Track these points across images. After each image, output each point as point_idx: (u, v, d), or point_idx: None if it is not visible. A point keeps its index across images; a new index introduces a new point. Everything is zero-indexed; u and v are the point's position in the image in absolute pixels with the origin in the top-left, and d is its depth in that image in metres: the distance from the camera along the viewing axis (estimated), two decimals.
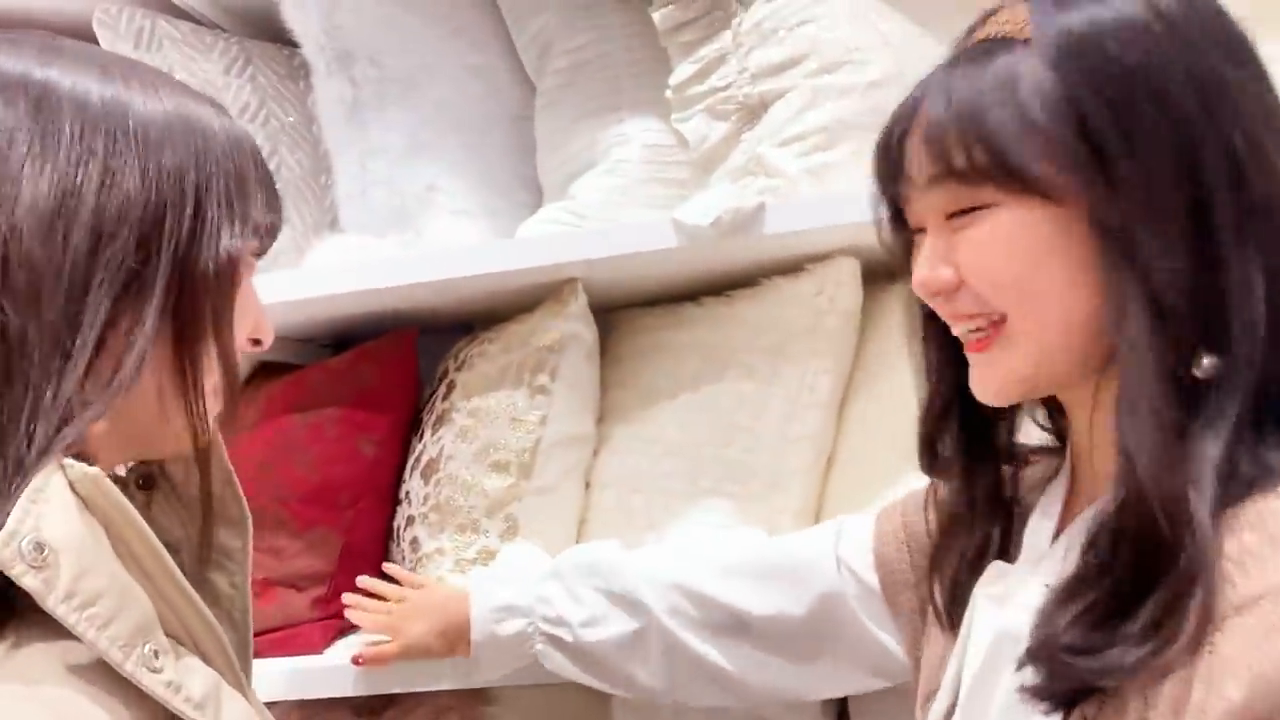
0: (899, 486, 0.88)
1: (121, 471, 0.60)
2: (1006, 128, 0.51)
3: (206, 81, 1.07)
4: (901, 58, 0.90)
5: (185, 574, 0.54)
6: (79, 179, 0.50)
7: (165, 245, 0.51)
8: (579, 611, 0.83)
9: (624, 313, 1.13)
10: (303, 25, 1.04)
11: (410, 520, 1.05)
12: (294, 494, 1.06)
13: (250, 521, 0.62)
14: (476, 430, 1.01)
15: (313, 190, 1.11)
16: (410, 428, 1.13)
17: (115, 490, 0.49)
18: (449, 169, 1.04)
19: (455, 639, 0.89)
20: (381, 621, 0.93)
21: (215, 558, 0.61)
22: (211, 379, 0.55)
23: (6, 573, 0.45)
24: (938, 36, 0.94)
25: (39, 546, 0.45)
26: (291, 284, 0.97)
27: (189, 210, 0.52)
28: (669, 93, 0.96)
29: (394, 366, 1.11)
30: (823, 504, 0.96)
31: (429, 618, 0.90)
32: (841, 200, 0.86)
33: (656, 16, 0.95)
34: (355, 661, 0.93)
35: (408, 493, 1.07)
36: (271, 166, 1.08)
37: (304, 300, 0.98)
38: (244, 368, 1.16)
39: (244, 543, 0.62)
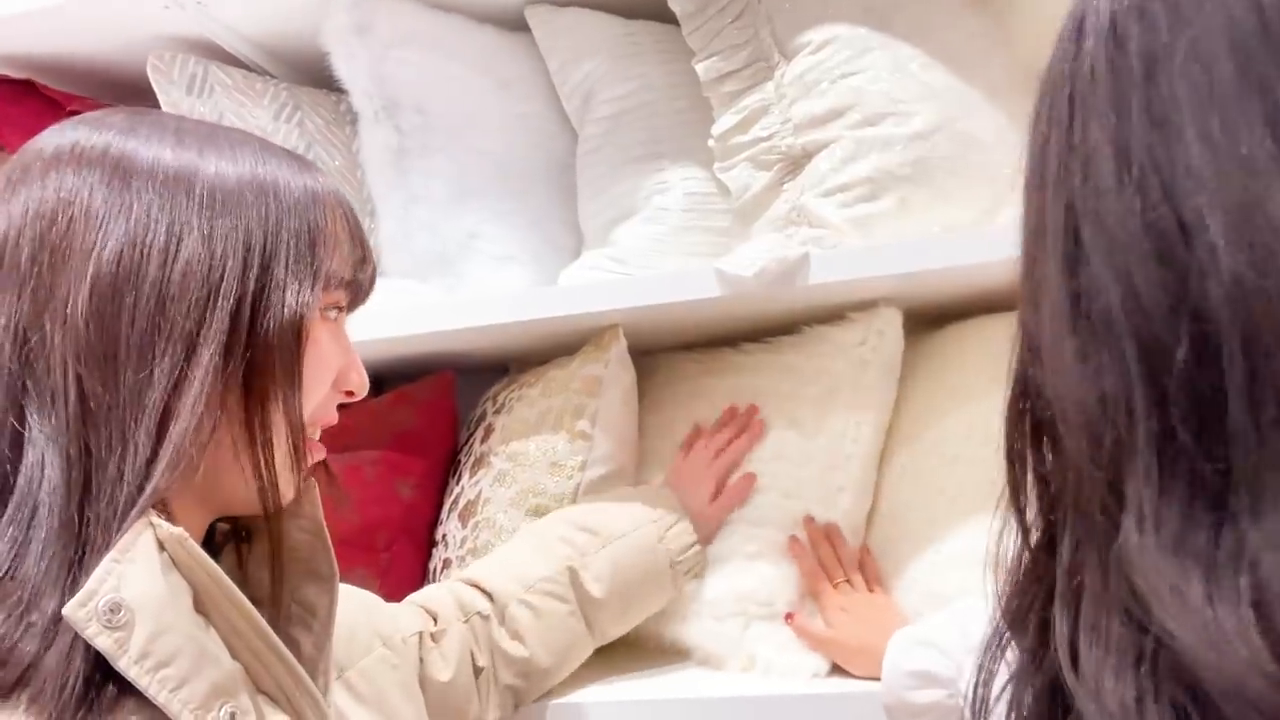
0: (942, 541, 0.88)
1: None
2: None
3: (256, 127, 1.09)
4: (946, 108, 0.90)
5: (275, 629, 0.55)
6: (145, 245, 0.51)
7: (227, 307, 0.51)
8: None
9: (663, 356, 1.13)
10: (351, 73, 1.05)
11: (447, 563, 1.05)
12: (331, 535, 1.06)
13: (338, 579, 0.61)
14: (515, 474, 1.01)
15: None
16: (447, 470, 1.13)
17: (200, 551, 0.50)
18: (492, 215, 1.05)
19: (870, 671, 0.83)
20: (837, 603, 0.88)
21: (299, 614, 0.60)
22: (282, 440, 0.55)
23: (80, 633, 0.45)
24: (981, 88, 0.94)
25: (115, 607, 0.46)
26: None
27: (253, 272, 0.52)
28: (711, 142, 0.97)
29: (433, 410, 1.12)
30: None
31: (867, 634, 0.85)
32: (885, 250, 0.86)
33: (699, 67, 0.96)
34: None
35: (444, 535, 1.07)
36: None
37: None
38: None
39: (330, 600, 0.61)
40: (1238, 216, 0.31)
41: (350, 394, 0.61)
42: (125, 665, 0.45)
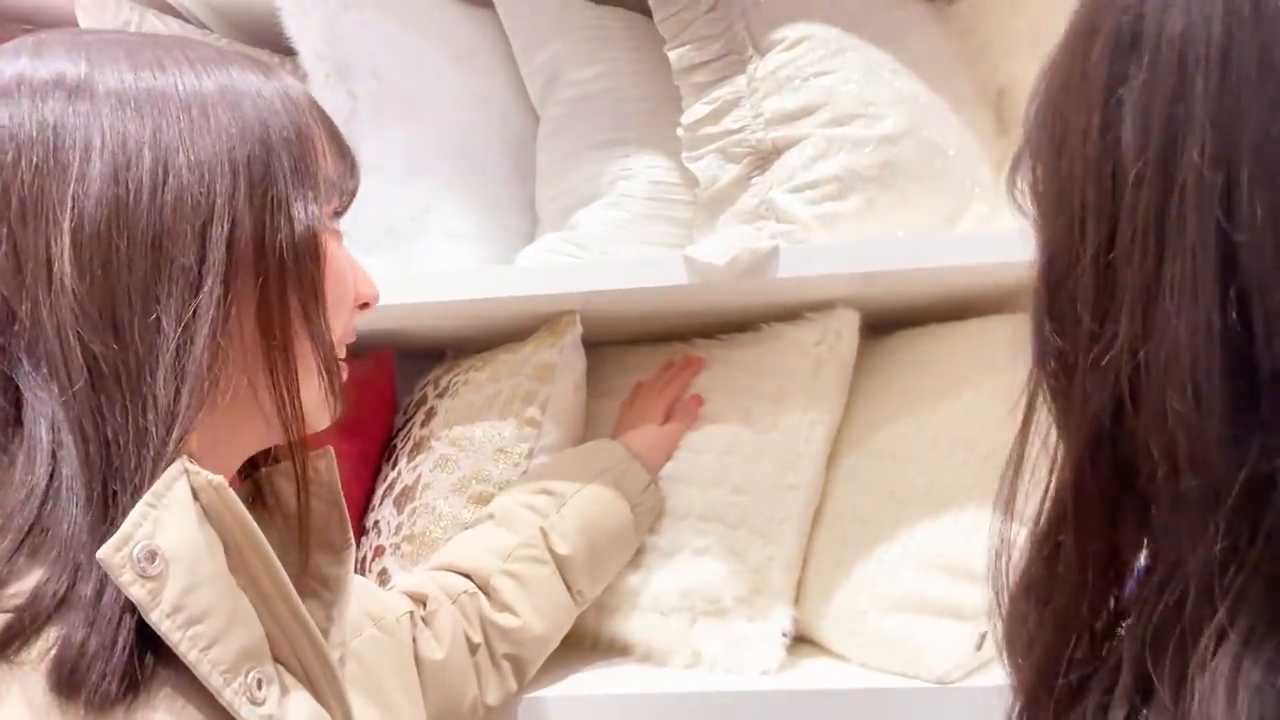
0: (888, 543, 0.88)
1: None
2: None
3: None
4: (914, 115, 0.91)
5: None
6: (130, 180, 0.46)
7: (223, 233, 0.47)
8: None
9: (611, 349, 1.11)
10: (302, 32, 1.00)
11: (379, 550, 1.00)
12: None
13: (353, 550, 0.58)
14: (458, 460, 0.97)
15: None
16: (382, 454, 1.08)
17: (238, 501, 0.46)
18: (445, 191, 1.01)
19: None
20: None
21: (312, 585, 0.56)
22: (311, 365, 0.51)
23: (114, 580, 0.41)
24: (946, 99, 0.96)
25: (151, 555, 0.42)
26: None
27: (245, 190, 0.48)
28: (680, 131, 0.95)
29: (371, 391, 1.07)
30: (808, 556, 0.95)
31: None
32: (853, 248, 0.86)
33: (672, 55, 0.95)
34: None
35: (376, 522, 1.02)
36: None
37: None
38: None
39: (344, 572, 0.57)
40: None
41: (366, 305, 0.59)
42: (157, 619, 0.42)
